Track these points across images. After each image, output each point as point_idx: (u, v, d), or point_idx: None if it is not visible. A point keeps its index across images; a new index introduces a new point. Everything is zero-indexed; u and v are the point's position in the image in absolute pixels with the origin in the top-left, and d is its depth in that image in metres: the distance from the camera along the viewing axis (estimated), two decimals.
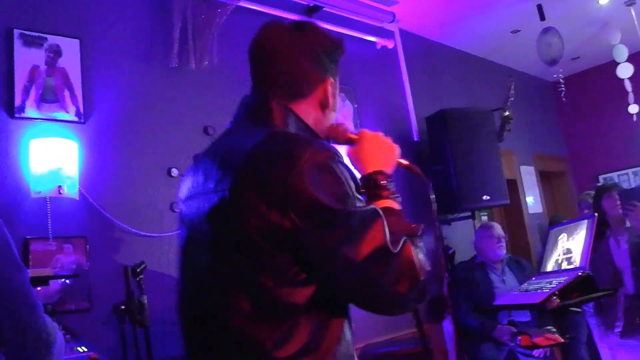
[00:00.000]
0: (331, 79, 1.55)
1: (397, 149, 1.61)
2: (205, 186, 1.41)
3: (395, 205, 1.46)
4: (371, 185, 1.49)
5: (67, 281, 3.14)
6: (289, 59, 1.50)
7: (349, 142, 1.60)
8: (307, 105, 1.52)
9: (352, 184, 1.33)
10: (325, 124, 1.57)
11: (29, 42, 3.37)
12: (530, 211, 7.20)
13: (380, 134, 1.60)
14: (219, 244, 1.34)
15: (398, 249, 1.25)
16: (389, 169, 1.55)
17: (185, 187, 1.55)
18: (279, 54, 1.50)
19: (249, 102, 1.54)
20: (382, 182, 1.49)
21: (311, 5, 4.87)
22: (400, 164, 1.64)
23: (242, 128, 1.49)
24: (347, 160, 1.43)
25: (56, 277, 3.04)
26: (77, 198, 3.27)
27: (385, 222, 1.28)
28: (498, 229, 4.62)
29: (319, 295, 1.29)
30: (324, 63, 1.53)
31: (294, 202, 1.22)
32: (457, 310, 4.32)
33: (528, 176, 7.36)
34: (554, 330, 3.90)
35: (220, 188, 1.33)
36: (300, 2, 4.82)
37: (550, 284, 3.70)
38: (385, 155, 1.57)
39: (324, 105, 1.54)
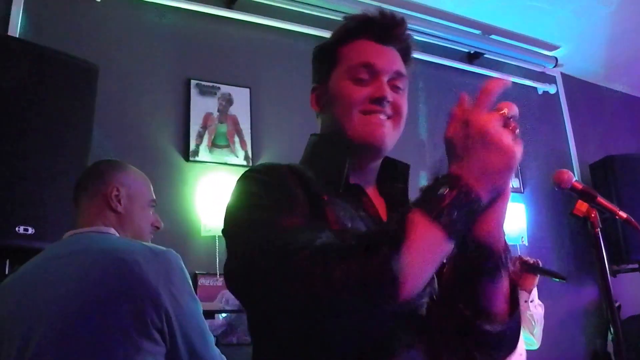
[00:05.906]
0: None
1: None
2: None
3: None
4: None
5: (232, 316, 3.29)
6: None
7: None
8: None
9: None
10: None
11: (204, 91, 3.65)
12: None
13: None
14: None
15: None
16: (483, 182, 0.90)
17: None
18: None
19: None
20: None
21: (472, 52, 4.91)
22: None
23: None
24: None
25: (223, 311, 3.20)
26: None
27: None
28: None
29: None
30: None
31: None
32: None
33: None
34: None
35: None
36: (462, 49, 4.87)
37: None
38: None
39: None
